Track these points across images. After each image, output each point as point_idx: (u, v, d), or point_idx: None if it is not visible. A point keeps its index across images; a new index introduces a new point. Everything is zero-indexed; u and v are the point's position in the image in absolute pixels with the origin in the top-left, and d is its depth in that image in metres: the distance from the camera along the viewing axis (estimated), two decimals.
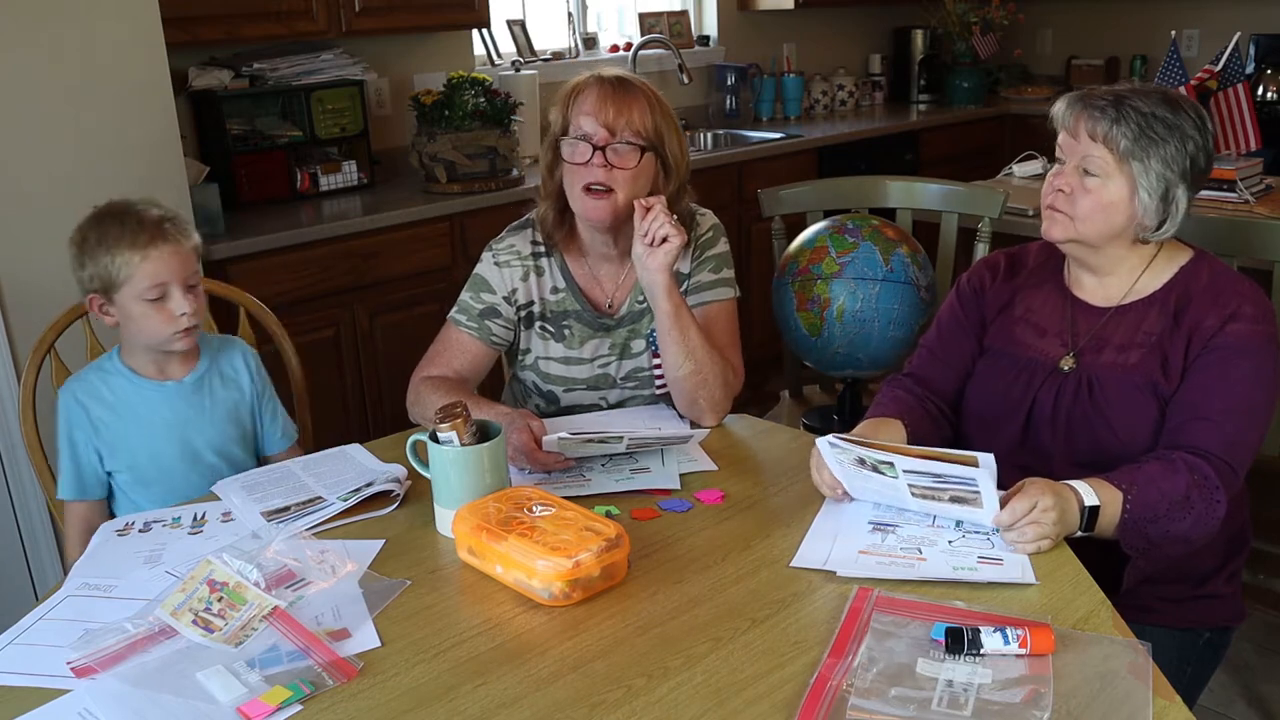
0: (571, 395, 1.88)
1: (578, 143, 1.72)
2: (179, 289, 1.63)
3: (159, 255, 1.61)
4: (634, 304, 1.86)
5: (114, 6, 2.29)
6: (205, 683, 1.12)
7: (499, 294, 1.84)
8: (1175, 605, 1.56)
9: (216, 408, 1.75)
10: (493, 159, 3.21)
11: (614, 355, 1.87)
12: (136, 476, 1.71)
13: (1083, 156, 1.51)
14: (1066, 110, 1.54)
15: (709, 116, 4.58)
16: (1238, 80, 2.91)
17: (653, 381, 1.88)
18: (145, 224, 1.61)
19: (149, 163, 2.39)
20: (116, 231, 1.61)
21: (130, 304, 1.62)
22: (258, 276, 2.71)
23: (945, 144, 4.62)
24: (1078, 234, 1.53)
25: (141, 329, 1.65)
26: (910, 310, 2.22)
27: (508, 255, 1.85)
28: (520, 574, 1.27)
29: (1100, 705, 1.04)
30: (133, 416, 1.70)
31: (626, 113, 1.71)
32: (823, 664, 1.11)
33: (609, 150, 1.71)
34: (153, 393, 1.71)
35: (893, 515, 1.43)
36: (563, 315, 1.85)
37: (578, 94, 1.75)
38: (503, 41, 3.89)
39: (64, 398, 1.70)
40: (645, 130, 1.72)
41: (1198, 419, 1.46)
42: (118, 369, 1.71)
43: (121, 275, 1.60)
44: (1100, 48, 5.13)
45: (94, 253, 1.61)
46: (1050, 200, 1.55)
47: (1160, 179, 1.48)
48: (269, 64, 3.17)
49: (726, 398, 1.77)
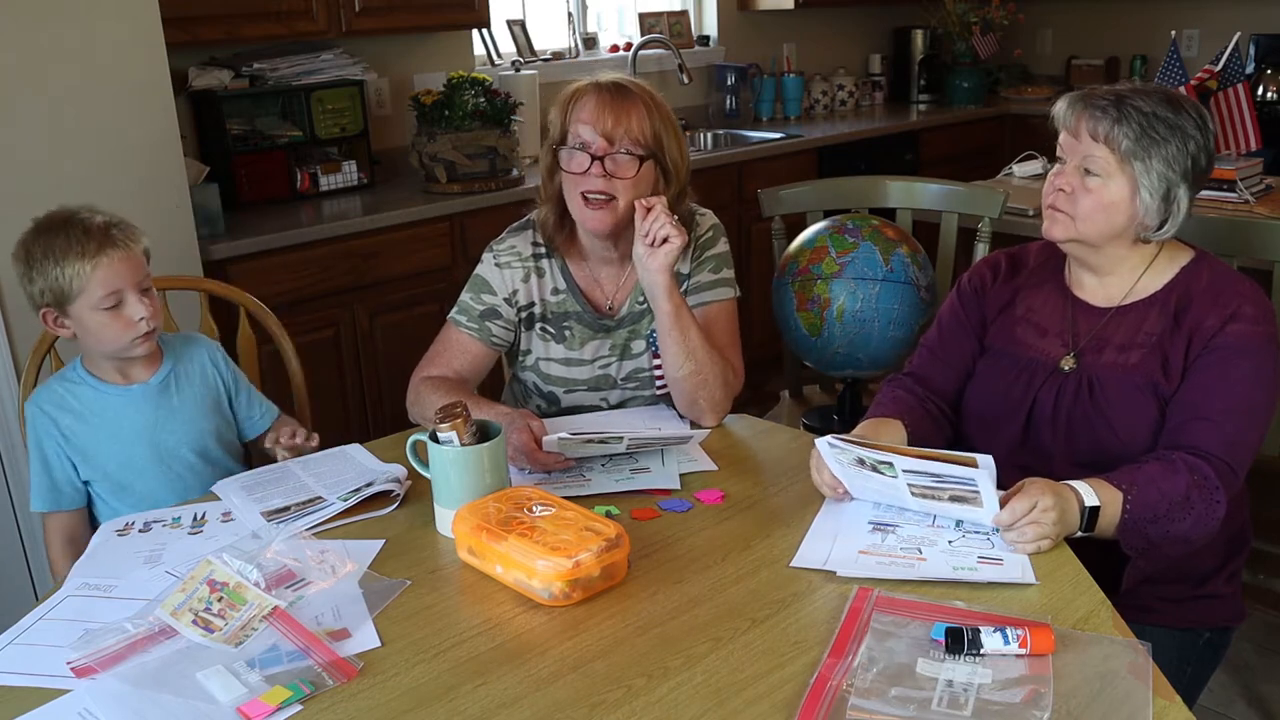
0: (572, 396, 1.88)
1: (576, 152, 1.71)
2: (133, 294, 1.60)
3: (109, 263, 1.57)
4: (634, 305, 1.86)
5: (114, 6, 2.29)
6: (205, 683, 1.12)
7: (500, 295, 1.84)
8: (1175, 605, 1.56)
9: (185, 406, 1.73)
10: (493, 159, 3.21)
11: (614, 356, 1.87)
12: (111, 483, 1.70)
13: (1084, 156, 1.51)
14: (1068, 110, 1.54)
15: (709, 116, 4.58)
16: (1238, 80, 2.91)
17: (653, 382, 1.88)
18: (92, 232, 1.57)
19: (149, 163, 2.39)
20: (63, 243, 1.56)
21: (85, 315, 1.59)
22: (258, 276, 2.71)
23: (945, 144, 4.62)
24: (1078, 233, 1.53)
25: (100, 339, 1.62)
26: (910, 310, 2.22)
27: (509, 256, 1.84)
28: (520, 574, 1.27)
29: (1100, 705, 1.04)
30: (100, 423, 1.67)
31: (625, 121, 1.70)
32: (823, 664, 1.11)
33: (608, 160, 1.70)
34: (118, 398, 1.68)
35: (893, 515, 1.43)
36: (563, 316, 1.85)
37: (576, 101, 1.74)
38: (503, 41, 3.89)
39: (31, 411, 1.68)
40: (644, 138, 1.71)
41: (1198, 419, 1.46)
42: (82, 377, 1.68)
43: (74, 286, 1.56)
44: (1100, 48, 5.13)
45: (41, 266, 1.57)
46: (1051, 200, 1.55)
47: (1162, 179, 1.48)
48: (269, 64, 3.17)
49: (727, 398, 1.77)
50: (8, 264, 2.20)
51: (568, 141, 1.73)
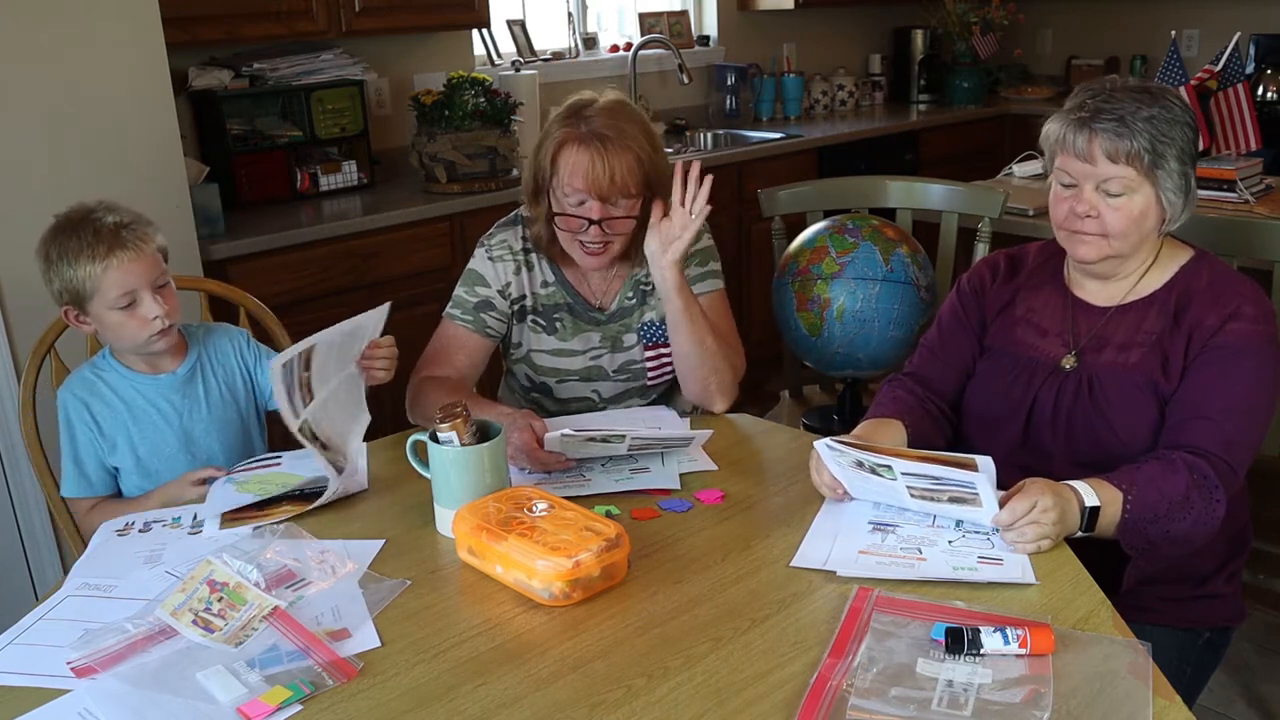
0: (564, 387, 1.90)
1: (571, 216, 1.74)
2: (147, 293, 1.63)
3: (119, 264, 1.60)
4: (624, 300, 1.89)
5: (114, 6, 2.29)
6: (205, 683, 1.12)
7: (493, 287, 1.86)
8: (1175, 605, 1.56)
9: (210, 394, 1.77)
10: (493, 159, 3.21)
11: (605, 348, 1.89)
12: (140, 470, 1.73)
13: (1104, 179, 1.49)
14: (1073, 136, 1.50)
15: (709, 116, 4.58)
16: (1238, 80, 2.91)
17: (645, 374, 1.89)
18: (102, 234, 1.60)
19: (149, 163, 2.39)
20: (75, 245, 1.60)
21: (102, 313, 1.63)
22: (258, 276, 2.71)
23: (945, 144, 4.62)
24: (1112, 250, 1.52)
25: (119, 335, 1.66)
26: (910, 310, 2.22)
27: (501, 250, 1.87)
28: (520, 574, 1.27)
29: (1100, 705, 1.04)
30: (129, 411, 1.71)
31: (619, 179, 1.71)
32: (823, 664, 1.11)
33: (605, 222, 1.73)
34: (147, 387, 1.72)
35: (893, 515, 1.43)
36: (554, 309, 1.88)
37: (564, 156, 1.72)
38: (503, 41, 3.89)
39: (63, 397, 1.71)
40: (636, 187, 1.74)
41: (1197, 418, 1.46)
42: (112, 365, 1.73)
43: (88, 287, 1.61)
44: (1100, 48, 5.13)
45: (57, 267, 1.61)
46: (1075, 226, 1.52)
47: (1180, 175, 1.49)
48: (269, 64, 3.17)
49: (735, 381, 1.83)
50: (8, 264, 2.22)
51: (556, 186, 1.74)
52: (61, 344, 1.88)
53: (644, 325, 1.88)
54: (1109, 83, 1.53)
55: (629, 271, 1.89)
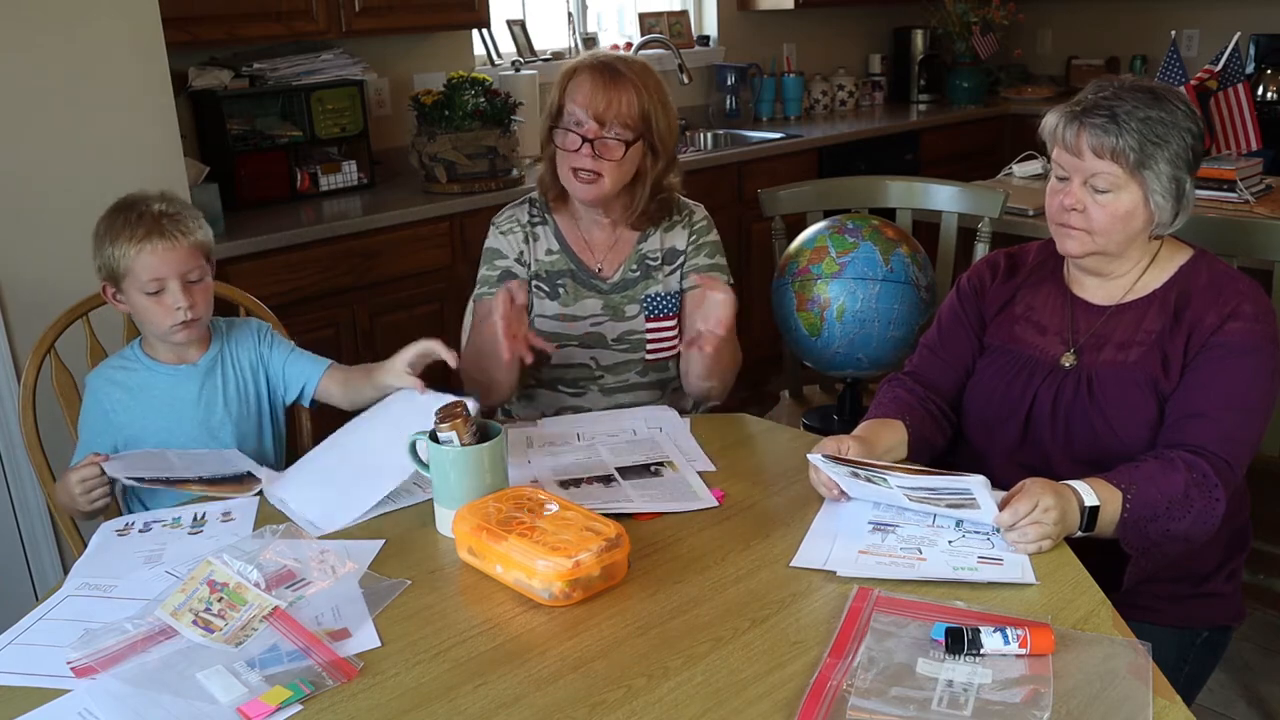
0: (564, 352, 1.95)
1: (569, 131, 1.81)
2: (176, 283, 1.66)
3: (152, 250, 1.65)
4: (628, 272, 1.95)
5: (114, 6, 2.29)
6: (205, 683, 1.12)
7: (510, 258, 1.95)
8: (1175, 605, 1.56)
9: (228, 387, 1.79)
10: (493, 159, 3.21)
11: (607, 316, 1.95)
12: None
13: (1090, 174, 1.49)
14: (1063, 128, 1.51)
15: (709, 116, 4.58)
16: (1238, 80, 2.91)
17: (644, 345, 1.95)
18: (144, 219, 1.66)
19: (149, 163, 2.39)
20: (119, 225, 1.66)
21: (133, 295, 1.69)
22: (258, 276, 2.71)
23: (945, 144, 4.61)
24: (1097, 246, 1.53)
25: (144, 319, 1.71)
26: (910, 310, 2.22)
27: (509, 224, 1.97)
28: (520, 574, 1.27)
29: (1100, 705, 1.04)
30: (148, 400, 1.74)
31: (616, 104, 1.80)
32: (823, 664, 1.11)
33: (598, 143, 1.80)
34: (168, 377, 1.76)
35: (893, 515, 1.43)
36: (557, 275, 1.95)
37: (572, 79, 1.84)
38: (503, 41, 3.89)
39: (89, 380, 1.77)
40: (633, 121, 1.82)
41: (1196, 416, 1.46)
42: (137, 356, 1.77)
43: (121, 267, 1.66)
44: (1100, 48, 5.13)
45: (101, 244, 1.68)
46: (1062, 219, 1.54)
47: (1171, 179, 1.48)
48: (269, 64, 3.17)
49: (733, 379, 1.95)
50: (8, 264, 2.22)
51: (563, 117, 1.83)
52: (61, 344, 1.88)
53: (647, 297, 1.94)
54: (1119, 81, 1.53)
55: (632, 244, 1.94)
